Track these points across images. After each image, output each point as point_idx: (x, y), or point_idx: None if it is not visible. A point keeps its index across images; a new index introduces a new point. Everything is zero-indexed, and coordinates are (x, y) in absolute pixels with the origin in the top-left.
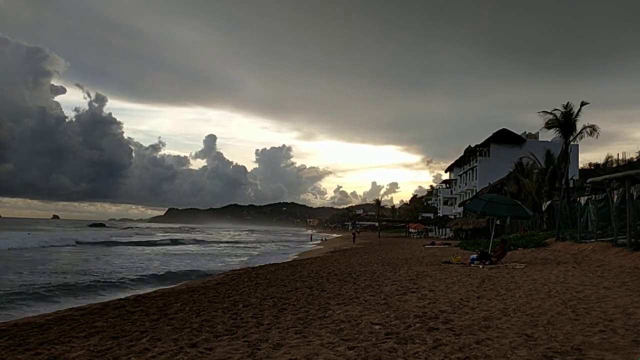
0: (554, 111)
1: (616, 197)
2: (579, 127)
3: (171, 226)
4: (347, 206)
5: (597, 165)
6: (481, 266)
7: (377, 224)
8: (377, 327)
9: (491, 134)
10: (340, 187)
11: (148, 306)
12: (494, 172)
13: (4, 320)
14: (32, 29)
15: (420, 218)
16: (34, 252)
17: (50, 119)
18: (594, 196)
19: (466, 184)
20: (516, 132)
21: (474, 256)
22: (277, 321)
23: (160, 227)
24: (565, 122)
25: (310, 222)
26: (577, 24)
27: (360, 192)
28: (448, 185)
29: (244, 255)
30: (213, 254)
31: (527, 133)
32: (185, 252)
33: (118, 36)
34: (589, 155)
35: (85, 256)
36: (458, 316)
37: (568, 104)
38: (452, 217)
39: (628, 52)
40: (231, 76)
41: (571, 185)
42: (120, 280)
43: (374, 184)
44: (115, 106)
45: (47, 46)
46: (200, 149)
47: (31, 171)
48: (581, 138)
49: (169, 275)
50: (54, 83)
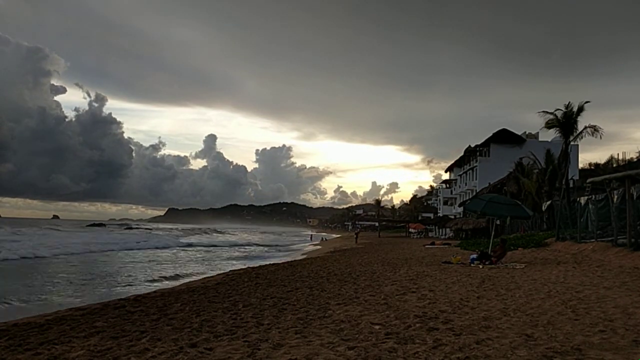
0: (555, 111)
1: (616, 197)
2: (579, 127)
3: (185, 227)
4: (347, 206)
5: (597, 165)
6: (481, 266)
7: (377, 224)
8: (377, 327)
9: (491, 134)
10: (340, 187)
11: (148, 306)
12: (494, 172)
13: (4, 320)
14: (32, 28)
15: (420, 218)
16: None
17: (50, 119)
18: (594, 196)
19: (466, 184)
20: (516, 132)
21: (474, 256)
22: (277, 321)
23: (172, 227)
24: (565, 122)
25: (310, 222)
26: (577, 24)
27: (360, 192)
28: (448, 185)
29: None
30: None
31: (527, 133)
32: (260, 255)
33: (118, 36)
34: (589, 155)
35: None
36: (458, 316)
37: (569, 103)
38: (452, 217)
39: (628, 52)
40: (231, 76)
41: (571, 185)
42: None
43: (374, 184)
44: (115, 106)
45: (47, 46)
46: (200, 149)
47: (31, 171)
48: (581, 138)
49: None
50: (54, 83)
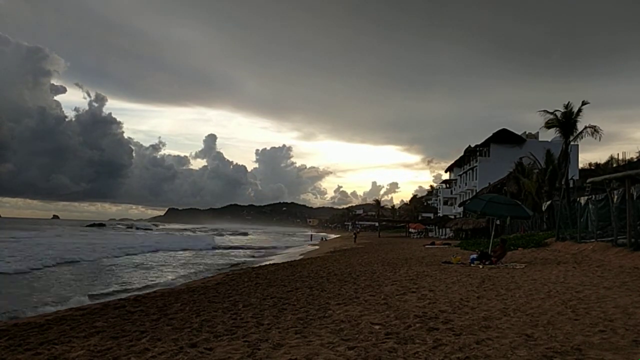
0: (554, 111)
1: (616, 197)
2: (579, 127)
3: (194, 226)
4: (347, 206)
5: (597, 165)
6: (481, 266)
7: (377, 224)
8: (377, 327)
9: (491, 134)
10: (340, 187)
11: (148, 306)
12: (494, 172)
13: (4, 320)
14: (32, 28)
15: (420, 218)
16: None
17: (50, 118)
18: (594, 196)
19: (466, 184)
20: (516, 132)
21: (474, 256)
22: (277, 321)
23: (183, 228)
24: (565, 122)
25: (310, 222)
26: (577, 24)
27: (360, 192)
28: (448, 185)
29: None
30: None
31: (527, 133)
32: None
33: (118, 36)
34: (589, 155)
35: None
36: (458, 316)
37: (569, 103)
38: (452, 217)
39: (628, 52)
40: (231, 76)
41: (571, 185)
42: None
43: (374, 184)
44: (115, 106)
45: (46, 46)
46: (200, 149)
47: (31, 171)
48: (581, 138)
49: None
50: (54, 83)
